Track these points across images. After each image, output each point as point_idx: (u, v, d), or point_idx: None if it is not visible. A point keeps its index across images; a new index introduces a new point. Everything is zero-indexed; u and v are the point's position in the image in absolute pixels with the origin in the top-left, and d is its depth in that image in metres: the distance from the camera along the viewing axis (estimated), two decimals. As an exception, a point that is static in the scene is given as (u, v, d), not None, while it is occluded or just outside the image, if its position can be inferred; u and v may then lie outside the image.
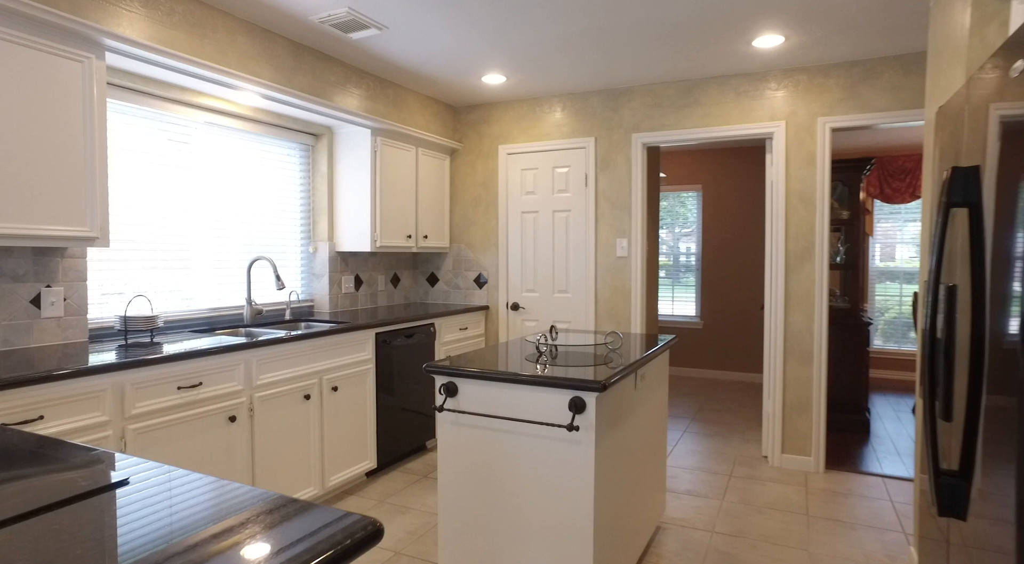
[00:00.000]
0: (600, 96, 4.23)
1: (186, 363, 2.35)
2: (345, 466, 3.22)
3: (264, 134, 3.54)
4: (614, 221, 4.20)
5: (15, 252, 2.37)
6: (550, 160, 4.39)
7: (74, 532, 0.81)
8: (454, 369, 2.08)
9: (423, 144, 4.33)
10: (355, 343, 3.28)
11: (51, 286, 2.48)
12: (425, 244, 4.41)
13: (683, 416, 4.96)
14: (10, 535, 0.79)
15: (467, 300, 4.72)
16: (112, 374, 2.11)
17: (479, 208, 4.65)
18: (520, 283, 4.53)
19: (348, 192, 3.94)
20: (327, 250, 3.94)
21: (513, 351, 2.44)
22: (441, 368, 2.10)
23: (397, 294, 4.63)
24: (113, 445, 2.12)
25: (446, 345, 4.15)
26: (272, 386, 2.75)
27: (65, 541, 0.78)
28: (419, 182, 4.32)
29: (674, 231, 6.77)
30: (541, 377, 1.93)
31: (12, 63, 2.08)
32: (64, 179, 2.24)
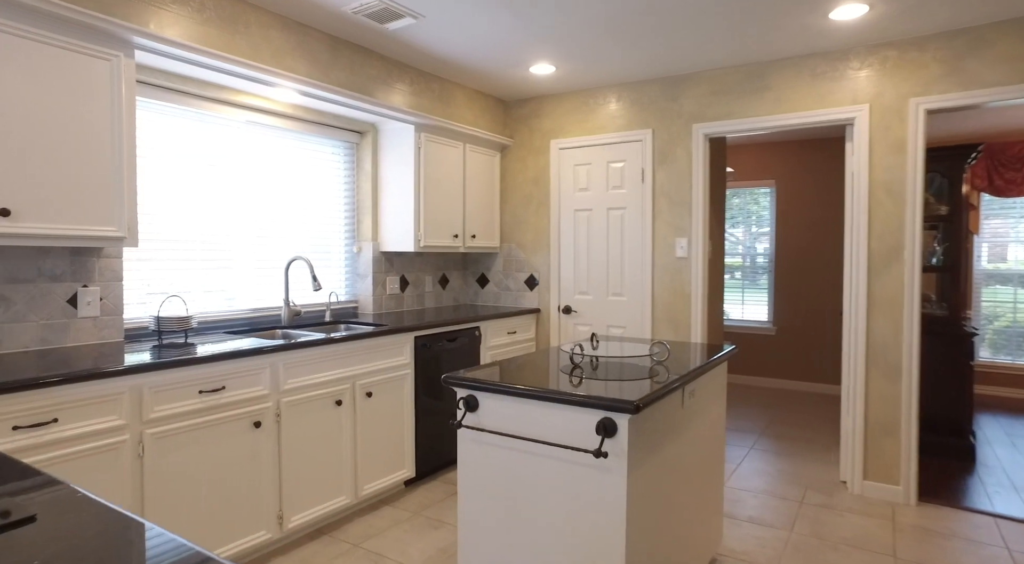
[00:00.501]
0: (657, 85, 3.92)
1: (207, 366, 2.28)
2: (380, 475, 3.10)
3: (307, 132, 3.49)
4: (673, 219, 3.88)
5: (52, 252, 2.38)
6: (604, 155, 4.12)
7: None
8: (474, 381, 1.88)
9: (471, 140, 4.18)
10: (392, 347, 3.16)
11: (87, 286, 2.48)
12: (473, 244, 4.25)
13: (750, 431, 4.55)
14: None
15: (518, 302, 4.53)
16: (129, 377, 2.06)
17: (530, 206, 4.45)
18: (573, 285, 4.29)
19: (392, 191, 3.83)
20: (371, 250, 3.86)
21: (547, 361, 2.22)
22: (460, 380, 1.92)
23: (445, 295, 4.50)
24: (130, 450, 2.07)
25: (492, 350, 3.97)
26: (300, 391, 2.66)
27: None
28: (467, 180, 4.17)
29: (749, 230, 6.30)
30: (564, 394, 1.70)
31: (39, 62, 2.07)
32: (91, 178, 2.21)
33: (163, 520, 2.17)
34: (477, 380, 1.88)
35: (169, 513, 2.19)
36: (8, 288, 2.27)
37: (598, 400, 1.64)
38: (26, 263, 2.32)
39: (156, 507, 2.15)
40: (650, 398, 1.66)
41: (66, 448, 1.91)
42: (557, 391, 1.72)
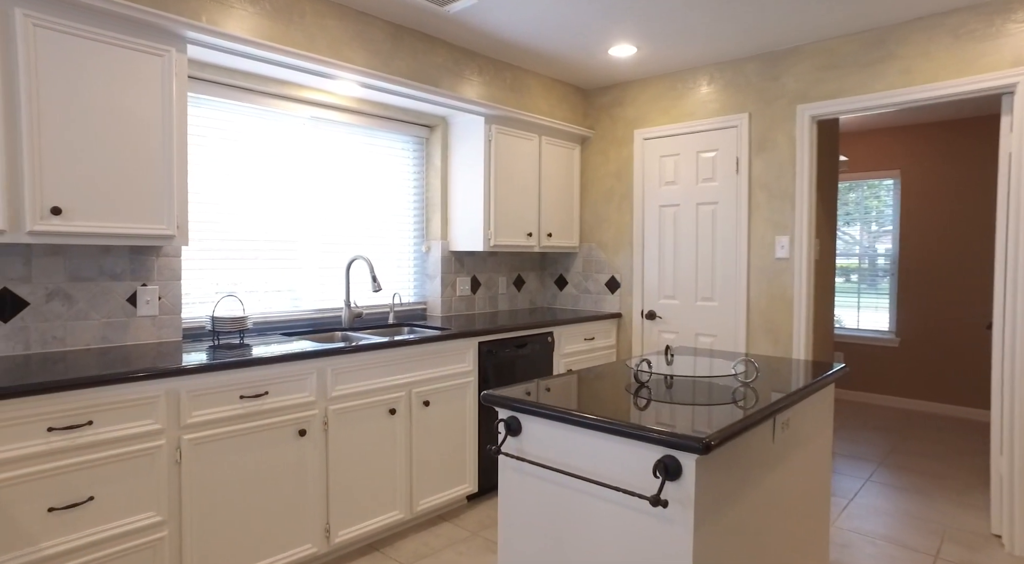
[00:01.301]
0: (754, 62, 3.46)
1: (248, 371, 2.18)
2: (439, 489, 2.91)
3: (374, 127, 3.38)
4: (772, 215, 3.40)
5: (113, 251, 2.39)
6: (694, 144, 3.71)
7: None
8: (516, 401, 1.62)
9: (547, 132, 3.91)
10: (453, 353, 2.96)
11: (146, 285, 2.47)
12: (549, 243, 3.98)
13: (867, 459, 3.94)
14: None
15: (598, 306, 4.20)
16: (164, 380, 1.98)
17: (612, 202, 4.11)
18: (657, 288, 3.90)
19: (462, 187, 3.65)
20: (440, 250, 3.69)
21: (613, 378, 1.91)
22: (501, 398, 1.66)
23: (521, 298, 4.26)
24: (167, 456, 1.99)
25: (566, 358, 3.68)
26: (349, 398, 2.51)
27: None
28: (542, 174, 3.91)
29: (868, 228, 5.57)
30: (613, 423, 1.40)
31: (88, 60, 2.04)
32: (140, 176, 2.18)
33: (202, 530, 2.08)
34: (519, 400, 1.61)
35: (208, 523, 2.10)
36: (71, 286, 2.29)
37: (656, 433, 1.32)
38: (88, 262, 2.33)
39: (195, 516, 2.06)
40: (727, 433, 1.32)
41: (101, 451, 1.85)
42: (605, 419, 1.42)
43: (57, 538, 1.79)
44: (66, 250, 2.28)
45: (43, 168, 1.97)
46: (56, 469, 1.78)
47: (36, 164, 1.96)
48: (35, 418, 1.74)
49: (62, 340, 2.28)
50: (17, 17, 1.92)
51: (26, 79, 1.93)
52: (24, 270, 2.20)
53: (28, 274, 2.21)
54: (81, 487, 1.82)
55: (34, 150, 1.95)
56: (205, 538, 2.09)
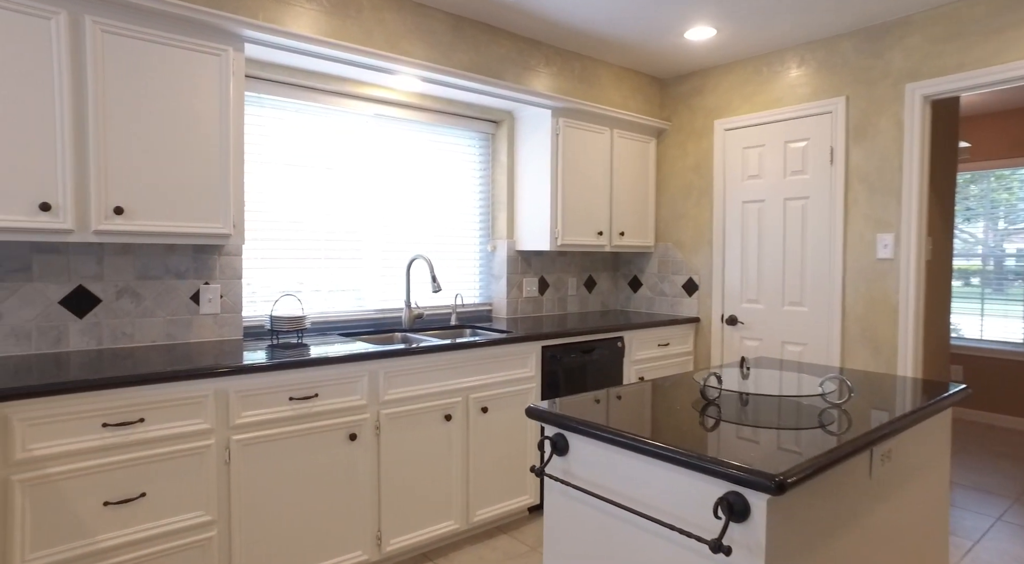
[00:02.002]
0: (854, 39, 3.08)
1: (297, 372, 2.14)
2: (497, 500, 2.78)
3: (439, 124, 3.30)
4: (873, 210, 3.02)
5: (177, 250, 2.44)
6: (781, 133, 3.37)
7: None
8: (562, 417, 1.45)
9: (619, 124, 3.69)
10: (514, 357, 2.82)
11: (209, 283, 2.51)
12: (621, 242, 3.76)
13: (998, 493, 3.42)
14: None
15: (674, 309, 3.93)
16: (212, 380, 1.97)
17: (690, 198, 3.83)
18: (739, 291, 3.59)
19: (528, 184, 3.51)
20: (506, 249, 3.57)
21: (679, 392, 1.70)
22: (545, 413, 1.50)
23: (591, 300, 4.07)
24: (216, 456, 1.98)
25: (638, 364, 3.45)
26: (402, 403, 2.43)
27: None
28: (614, 169, 3.69)
29: (994, 225, 4.91)
30: (669, 450, 1.20)
31: (147, 61, 2.07)
32: (198, 175, 2.19)
33: (251, 532, 2.06)
34: (564, 416, 1.45)
35: (258, 524, 2.08)
36: (139, 284, 2.36)
37: (719, 465, 1.11)
38: (155, 260, 2.39)
39: (243, 518, 2.04)
40: (808, 469, 1.09)
41: (152, 449, 1.86)
42: (656, 443, 1.22)
43: (112, 532, 1.81)
44: (135, 249, 2.34)
45: (108, 169, 2.02)
46: (110, 464, 1.80)
47: (102, 166, 2.00)
48: (91, 413, 1.77)
49: (130, 336, 2.34)
50: (87, 24, 1.97)
51: (94, 84, 1.98)
52: (97, 268, 2.28)
53: (100, 272, 2.28)
54: (133, 483, 1.84)
55: (100, 152, 2.00)
56: (254, 540, 2.07)
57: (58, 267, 2.20)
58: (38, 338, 2.17)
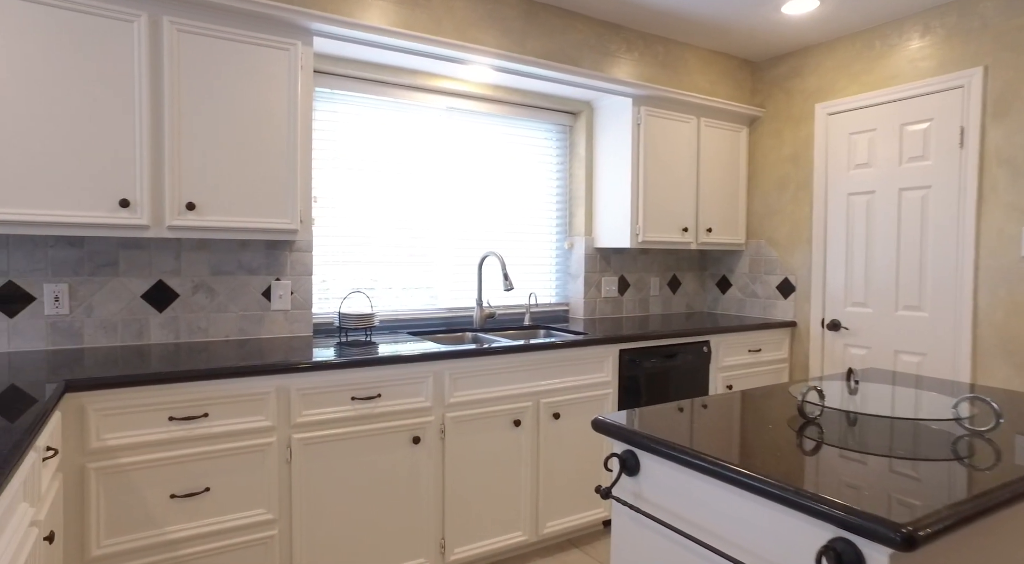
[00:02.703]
0: None
1: (359, 371, 2.08)
2: (569, 512, 2.61)
3: (514, 116, 3.18)
4: (1018, 199, 2.59)
5: (250, 246, 2.46)
6: (896, 114, 2.98)
7: None
8: (632, 433, 1.28)
9: (706, 112, 3.42)
10: (589, 361, 2.65)
11: (280, 279, 2.52)
12: (708, 240, 3.48)
13: None
14: None
15: (766, 312, 3.60)
16: (274, 377, 1.94)
17: (786, 191, 3.49)
18: (843, 293, 3.22)
19: (607, 177, 3.32)
20: (584, 246, 3.40)
21: (773, 407, 1.48)
22: (613, 427, 1.32)
23: (675, 301, 3.81)
24: (277, 454, 1.95)
25: (725, 372, 3.17)
26: (469, 406, 2.32)
27: None
28: (701, 161, 3.42)
29: None
30: (761, 480, 0.99)
31: (216, 58, 2.09)
32: (266, 171, 2.19)
33: (312, 533, 2.02)
34: (635, 431, 1.27)
35: (319, 525, 2.03)
36: (214, 280, 2.39)
37: (824, 504, 0.90)
38: (228, 256, 2.42)
39: (305, 518, 2.01)
40: (948, 518, 0.86)
41: (214, 444, 1.85)
42: (744, 471, 1.02)
43: (179, 524, 1.82)
44: (210, 245, 2.38)
45: (181, 166, 2.04)
46: (176, 458, 1.80)
47: (175, 163, 2.03)
48: (158, 406, 1.78)
49: (205, 331, 2.38)
50: (165, 25, 2.00)
51: (169, 83, 2.01)
52: (175, 264, 2.33)
53: (178, 267, 2.34)
54: (198, 477, 1.84)
55: (174, 150, 2.03)
56: (315, 541, 2.03)
57: (141, 262, 2.27)
58: (123, 330, 2.25)
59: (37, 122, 1.84)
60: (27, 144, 1.83)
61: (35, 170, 1.84)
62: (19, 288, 2.10)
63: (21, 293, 2.10)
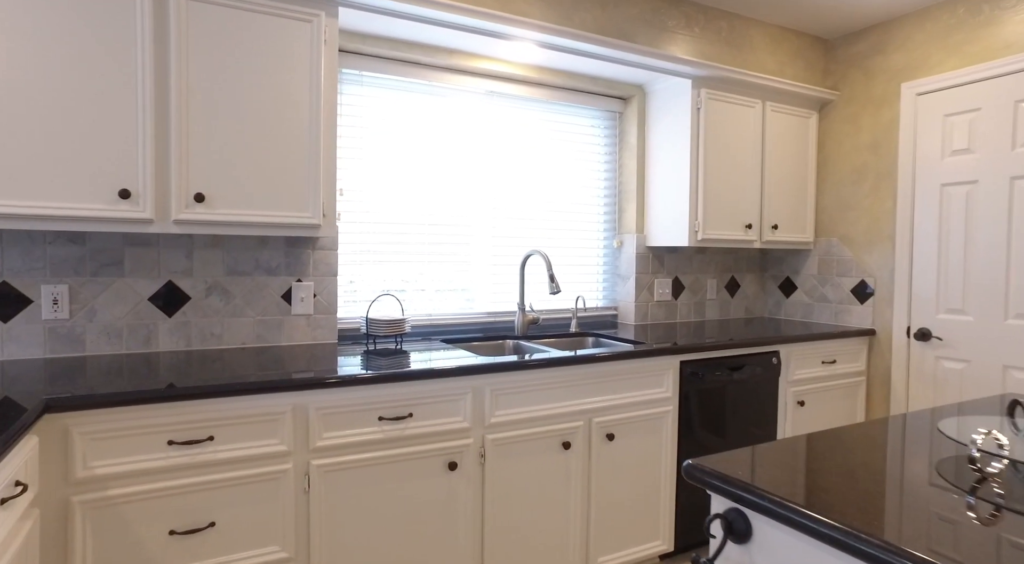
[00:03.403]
0: None
1: (386, 387, 1.80)
2: (623, 545, 2.30)
3: (558, 101, 2.88)
4: None
5: (269, 243, 2.21)
6: (1008, 90, 2.57)
7: None
8: (745, 486, 0.96)
9: (773, 96, 3.06)
10: (646, 374, 2.33)
11: (301, 281, 2.26)
12: (774, 238, 3.12)
13: None
14: None
15: (838, 319, 3.22)
16: (290, 394, 1.67)
17: (863, 183, 3.10)
18: (935, 298, 2.82)
19: (662, 168, 2.99)
20: (635, 245, 3.07)
21: (905, 446, 1.14)
22: (716, 478, 1.01)
23: (735, 305, 3.45)
24: (294, 482, 1.69)
25: (796, 386, 2.81)
26: (513, 426, 2.02)
27: None
28: (766, 150, 3.07)
29: None
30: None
31: (235, 31, 1.83)
32: (284, 160, 1.93)
33: (333, 573, 1.75)
34: (749, 486, 0.95)
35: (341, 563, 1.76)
36: (229, 281, 2.15)
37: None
38: (245, 255, 2.17)
39: (325, 555, 1.74)
40: None
41: (222, 472, 1.60)
42: (922, 556, 0.70)
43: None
44: (224, 242, 2.14)
45: (189, 153, 1.80)
46: (176, 488, 1.55)
47: (183, 148, 1.79)
48: (156, 429, 1.53)
49: (219, 337, 2.14)
50: (173, -8, 1.76)
51: (176, 57, 1.77)
52: (187, 263, 2.09)
53: (190, 268, 2.10)
54: (202, 510, 1.58)
55: (181, 134, 1.78)
56: (337, 583, 1.76)
57: (148, 262, 2.04)
58: (128, 337, 2.02)
59: (24, 101, 1.61)
60: (13, 125, 1.60)
61: (22, 155, 1.61)
62: (14, 289, 1.88)
63: (16, 295, 1.89)
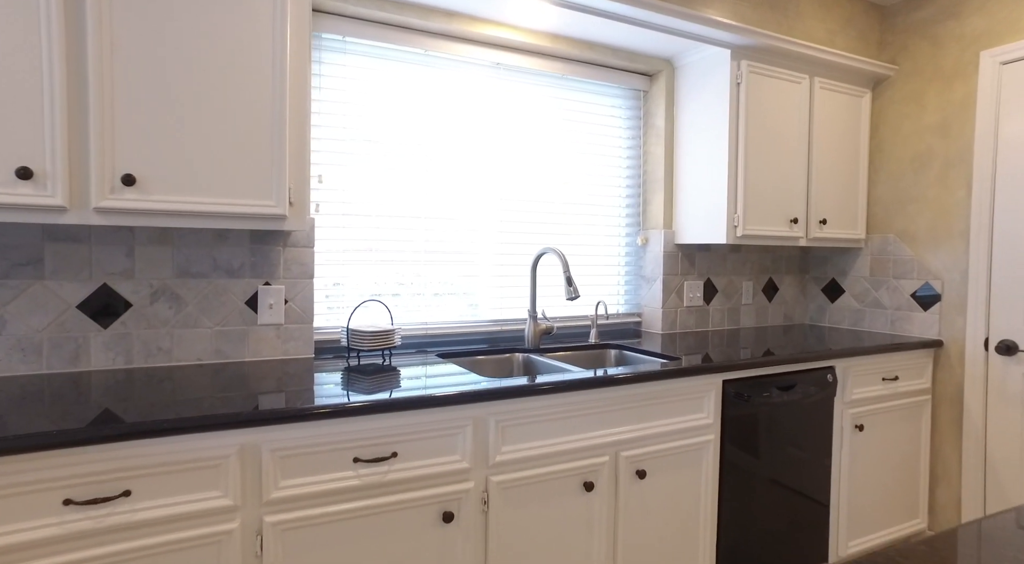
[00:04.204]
0: None
1: (365, 420, 1.41)
2: (656, 604, 1.90)
3: (575, 77, 2.50)
4: None
5: (229, 238, 1.83)
6: (1111, 58, 2.15)
7: None
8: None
9: (823, 70, 2.65)
10: (684, 396, 1.93)
11: (270, 284, 1.88)
12: (821, 234, 2.71)
13: None
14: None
15: (895, 327, 2.80)
16: (235, 433, 1.29)
17: (927, 171, 2.69)
18: (1020, 305, 2.40)
19: (694, 154, 2.59)
20: (661, 242, 2.68)
21: None
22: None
23: (772, 311, 3.04)
24: (240, 547, 1.30)
25: (855, 407, 2.40)
26: (523, 465, 1.63)
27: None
28: (813, 134, 2.66)
29: None
30: None
31: (172, -36, 1.46)
32: (239, 136, 1.55)
33: (293, 660, 1.36)
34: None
35: (304, 648, 1.38)
36: (180, 284, 1.77)
37: None
38: (200, 253, 1.79)
39: (283, 638, 1.35)
40: None
41: (139, 538, 1.21)
42: None
43: (94, 654, 1.18)
44: (174, 237, 1.76)
45: (115, 122, 1.42)
46: (77, 562, 1.17)
47: (106, 117, 1.41)
48: (48, 485, 1.15)
49: (168, 352, 1.76)
50: (101, -76, 1.39)
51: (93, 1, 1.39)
52: (127, 263, 1.72)
53: (131, 268, 1.72)
54: (116, 589, 1.20)
55: (103, 99, 1.40)
56: None
57: (77, 261, 1.67)
58: (51, 353, 1.64)
59: None
60: None
61: None
62: (-98, 295, 1.51)
63: (-95, 302, 1.52)
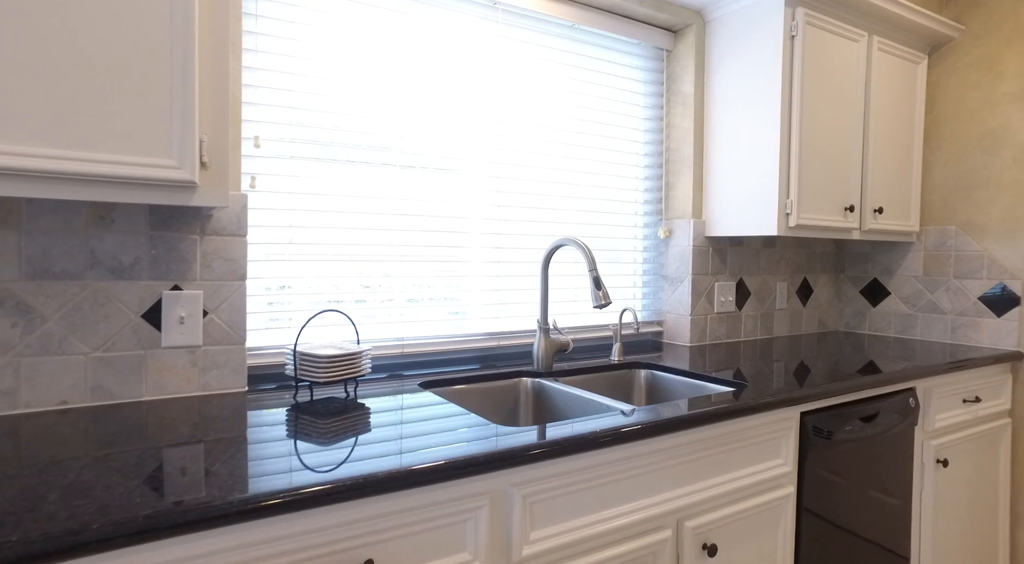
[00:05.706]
0: None
1: (316, 515, 0.85)
2: None
3: (588, 26, 1.97)
4: None
5: (116, 219, 1.24)
6: None
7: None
8: None
9: (883, 27, 2.21)
10: (757, 438, 1.42)
11: (180, 288, 1.30)
12: (877, 225, 2.26)
13: None
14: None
15: (956, 336, 2.37)
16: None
17: (1001, 152, 2.26)
18: (1123, 309, 1.99)
19: (733, 126, 2.10)
20: (690, 234, 2.18)
21: None
22: None
23: (806, 316, 2.59)
24: None
25: (939, 438, 1.94)
26: (560, 555, 1.09)
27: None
28: (870, 104, 2.21)
29: None
30: None
31: None
32: (123, 59, 0.97)
33: None
34: None
35: None
36: (32, 288, 1.17)
37: None
38: (67, 240, 1.20)
39: None
40: None
41: None
42: None
43: None
44: (23, 215, 1.17)
45: None
46: None
47: None
48: None
49: (11, 393, 1.16)
50: None
51: None
52: (-52, 256, 1.12)
53: (-45, 263, 1.12)
54: None
55: None
56: None
57: None
58: None
59: None
60: None
61: None
62: None
63: None
